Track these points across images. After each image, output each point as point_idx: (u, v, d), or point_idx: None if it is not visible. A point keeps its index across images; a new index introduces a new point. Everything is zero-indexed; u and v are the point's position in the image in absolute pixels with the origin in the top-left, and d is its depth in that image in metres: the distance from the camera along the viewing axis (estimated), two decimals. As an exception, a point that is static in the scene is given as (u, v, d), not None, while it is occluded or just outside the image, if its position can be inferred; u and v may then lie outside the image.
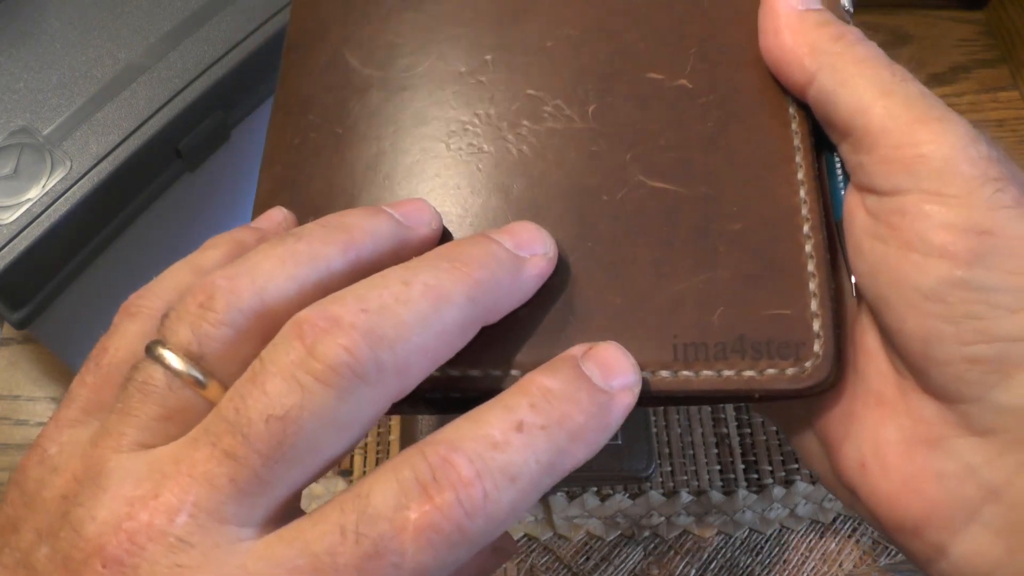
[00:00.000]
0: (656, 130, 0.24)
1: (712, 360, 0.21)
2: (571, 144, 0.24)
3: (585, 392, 0.19)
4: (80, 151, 0.35)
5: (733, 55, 0.25)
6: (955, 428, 0.20)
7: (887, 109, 0.21)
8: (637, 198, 0.23)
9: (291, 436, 0.17)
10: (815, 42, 0.22)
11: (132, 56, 0.37)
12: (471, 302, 0.19)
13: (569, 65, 0.25)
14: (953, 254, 0.19)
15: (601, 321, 0.22)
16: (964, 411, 0.20)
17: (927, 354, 0.20)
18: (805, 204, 0.23)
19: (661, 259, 0.22)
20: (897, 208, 0.20)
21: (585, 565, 0.43)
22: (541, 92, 0.25)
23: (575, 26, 0.25)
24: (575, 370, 0.20)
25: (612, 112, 0.24)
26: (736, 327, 0.22)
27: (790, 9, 0.23)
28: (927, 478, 0.20)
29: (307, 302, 0.18)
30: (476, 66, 0.25)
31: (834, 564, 0.43)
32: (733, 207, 0.23)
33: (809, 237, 0.22)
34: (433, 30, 0.26)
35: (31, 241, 0.33)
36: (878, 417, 0.22)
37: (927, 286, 0.20)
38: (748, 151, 0.23)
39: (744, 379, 0.21)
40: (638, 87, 0.24)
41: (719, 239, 0.22)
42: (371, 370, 0.17)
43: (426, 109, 0.25)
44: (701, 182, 0.23)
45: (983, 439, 0.20)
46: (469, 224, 0.23)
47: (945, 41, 0.62)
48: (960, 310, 0.19)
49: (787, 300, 0.22)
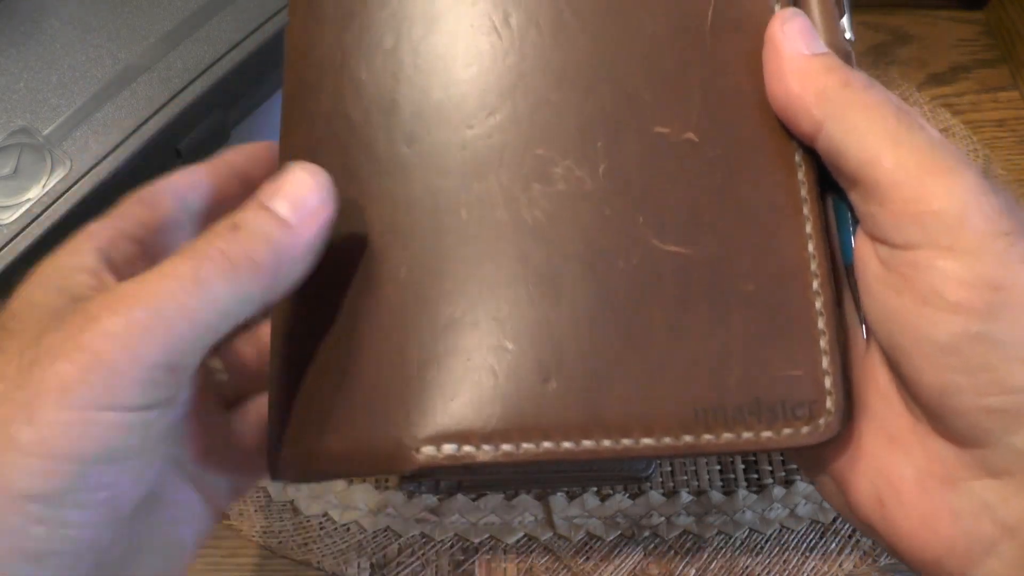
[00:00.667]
0: (665, 189, 0.24)
1: (731, 423, 0.22)
2: (584, 208, 0.24)
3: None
4: (80, 151, 0.35)
5: (738, 100, 0.24)
6: (971, 469, 0.20)
7: (897, 161, 0.21)
8: (651, 262, 0.23)
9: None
10: (822, 89, 0.22)
11: (132, 56, 0.37)
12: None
13: (575, 119, 0.24)
14: (968, 309, 0.19)
15: (622, 390, 0.23)
16: (980, 455, 0.20)
17: (943, 403, 0.20)
18: (814, 259, 0.23)
19: (677, 324, 0.23)
20: (910, 261, 0.20)
21: (585, 565, 0.43)
22: (550, 152, 0.24)
23: (579, 76, 0.25)
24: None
25: (621, 171, 0.24)
26: (752, 390, 0.22)
27: (796, 54, 0.23)
28: (944, 516, 0.20)
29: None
30: (483, 125, 0.25)
31: (834, 564, 0.43)
32: (743, 267, 0.23)
33: (818, 294, 0.23)
34: (435, 81, 0.25)
35: (31, 241, 0.33)
36: (892, 456, 0.22)
37: (942, 340, 0.20)
38: (756, 206, 0.23)
39: (762, 439, 0.22)
40: (645, 142, 0.24)
41: (731, 301, 0.23)
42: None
43: (436, 176, 0.24)
44: (711, 242, 0.23)
45: (999, 480, 0.20)
46: (489, 294, 0.23)
47: (945, 41, 0.62)
48: (975, 363, 0.19)
49: (799, 360, 0.22)
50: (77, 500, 0.19)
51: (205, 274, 0.20)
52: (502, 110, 0.25)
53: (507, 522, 0.43)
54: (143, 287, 0.20)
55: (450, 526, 0.43)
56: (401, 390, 0.23)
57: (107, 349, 0.19)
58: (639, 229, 0.23)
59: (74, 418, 0.19)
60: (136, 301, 0.20)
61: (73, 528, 0.19)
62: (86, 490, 0.19)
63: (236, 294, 0.21)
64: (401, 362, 0.23)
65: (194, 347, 0.21)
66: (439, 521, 0.43)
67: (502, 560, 0.43)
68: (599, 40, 0.25)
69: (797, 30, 0.23)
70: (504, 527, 0.43)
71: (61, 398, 0.19)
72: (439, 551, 0.43)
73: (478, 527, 0.43)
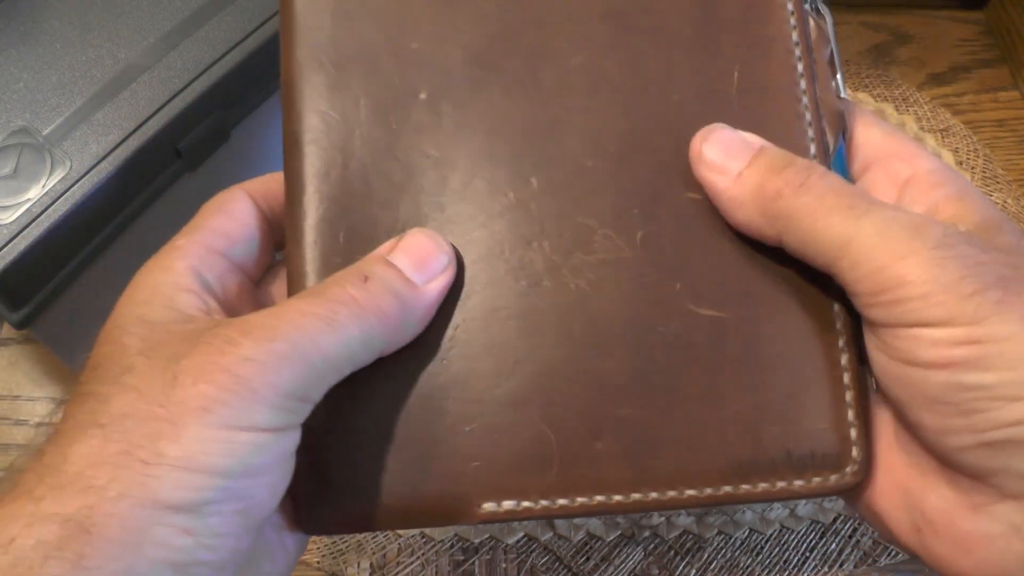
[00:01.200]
0: (699, 254, 0.25)
1: (766, 474, 0.24)
2: (624, 276, 0.25)
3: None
4: (80, 151, 0.35)
5: None
6: (991, 496, 0.21)
7: (852, 260, 0.22)
8: (688, 327, 0.25)
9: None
10: (763, 208, 0.23)
11: (132, 56, 0.37)
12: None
13: (612, 187, 0.25)
14: (950, 365, 0.20)
15: (666, 447, 0.24)
16: (994, 482, 0.21)
17: (946, 444, 0.21)
18: (839, 319, 0.25)
19: (713, 384, 0.24)
20: (891, 333, 0.22)
21: (585, 565, 0.43)
22: (590, 220, 0.25)
23: (612, 141, 0.26)
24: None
25: (658, 239, 0.25)
26: (784, 443, 0.24)
27: (725, 185, 0.24)
28: (977, 539, 0.21)
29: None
30: (522, 191, 0.25)
31: (834, 564, 0.43)
32: (774, 328, 0.25)
33: (844, 351, 0.25)
34: (464, 140, 0.26)
35: (31, 241, 0.33)
36: (922, 487, 0.23)
37: (932, 392, 0.21)
38: (784, 269, 0.25)
39: (794, 488, 0.24)
40: (679, 208, 0.25)
41: (764, 361, 0.24)
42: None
43: (480, 242, 0.25)
44: (742, 304, 0.25)
45: (1018, 501, 0.21)
46: (539, 359, 0.25)
47: (945, 41, 0.62)
48: (967, 407, 0.20)
49: (826, 415, 0.24)
50: (220, 510, 0.20)
51: (340, 317, 0.22)
52: (539, 176, 0.25)
53: (507, 522, 0.43)
54: (282, 320, 0.22)
55: (450, 526, 0.43)
56: (458, 448, 0.24)
57: (247, 374, 0.20)
58: (677, 294, 0.25)
59: (216, 435, 0.20)
60: (276, 332, 0.21)
61: (217, 538, 0.20)
62: (227, 501, 0.20)
63: (363, 340, 0.22)
64: (456, 421, 0.24)
65: (321, 382, 0.22)
66: (439, 521, 0.43)
67: (502, 560, 0.43)
68: (630, 106, 0.26)
69: (716, 152, 0.24)
70: (504, 527, 0.43)
71: (204, 416, 0.20)
72: (439, 551, 0.43)
73: (478, 527, 0.43)
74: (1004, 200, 0.55)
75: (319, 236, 0.25)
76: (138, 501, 0.19)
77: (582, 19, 0.26)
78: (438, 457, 0.24)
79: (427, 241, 0.24)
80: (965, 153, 0.56)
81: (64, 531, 0.19)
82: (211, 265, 0.25)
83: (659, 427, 0.24)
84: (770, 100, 0.25)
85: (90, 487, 0.19)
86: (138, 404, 0.20)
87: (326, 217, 0.25)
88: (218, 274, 0.25)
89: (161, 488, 0.19)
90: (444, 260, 0.24)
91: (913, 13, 0.63)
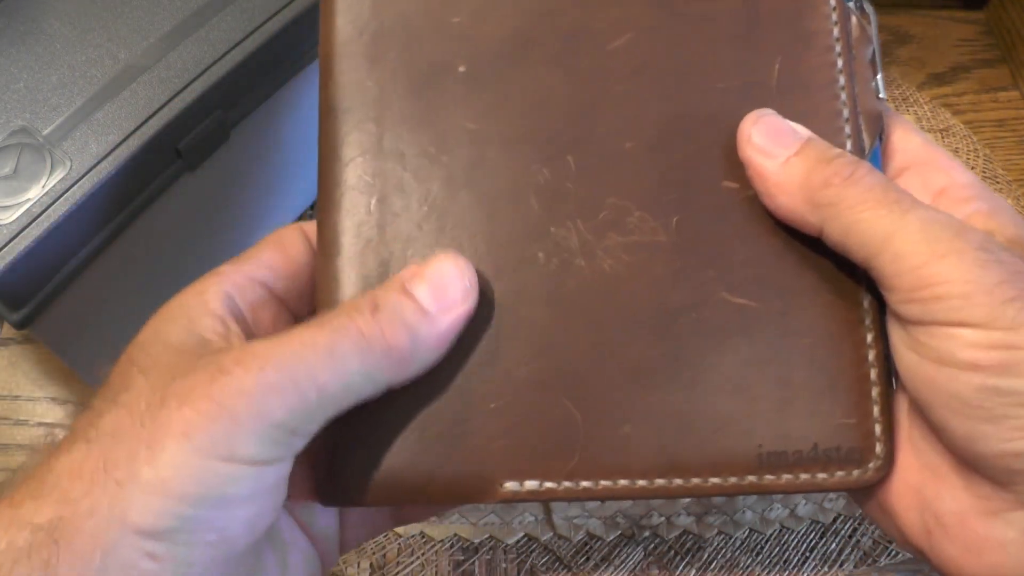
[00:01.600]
0: (733, 243, 0.25)
1: (791, 466, 0.24)
2: (657, 259, 0.25)
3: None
4: (80, 151, 0.35)
5: None
6: (1010, 502, 0.21)
7: (895, 254, 0.21)
8: (720, 314, 0.25)
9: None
10: (809, 196, 0.23)
11: (132, 56, 0.37)
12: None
13: (649, 170, 0.25)
14: (984, 368, 0.20)
15: (692, 434, 0.24)
16: (1017, 489, 0.21)
17: (973, 449, 0.21)
18: (868, 314, 0.25)
19: (742, 375, 0.24)
20: (925, 331, 0.22)
21: (585, 565, 0.43)
22: (625, 201, 0.25)
23: (651, 125, 0.26)
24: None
25: (692, 225, 0.25)
26: (810, 437, 0.24)
27: (772, 169, 0.24)
28: (990, 545, 0.21)
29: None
30: (559, 169, 0.25)
31: (834, 564, 0.43)
32: (804, 321, 0.25)
33: (871, 347, 0.25)
34: (502, 115, 0.26)
35: (31, 241, 0.33)
36: (936, 489, 0.23)
37: (963, 395, 0.21)
38: (816, 263, 0.25)
39: (817, 481, 0.24)
40: (715, 197, 0.25)
41: (793, 354, 0.24)
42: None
43: (514, 219, 0.25)
44: (775, 296, 0.25)
45: None
46: (565, 340, 0.25)
47: (945, 41, 0.62)
48: (998, 412, 0.20)
49: (853, 410, 0.24)
50: (188, 539, 0.20)
51: (340, 349, 0.21)
52: (576, 155, 0.25)
53: (507, 522, 0.43)
54: (278, 348, 0.21)
55: (450, 526, 0.43)
56: (483, 426, 0.24)
57: (233, 403, 0.20)
58: (710, 281, 0.25)
59: (192, 463, 0.20)
60: (268, 361, 0.21)
61: (184, 567, 0.20)
62: (197, 531, 0.20)
63: (366, 373, 0.22)
64: (481, 399, 0.24)
65: (316, 415, 0.21)
66: (439, 521, 0.43)
67: (502, 560, 0.43)
68: (671, 92, 0.26)
69: (765, 137, 0.24)
70: (504, 527, 0.43)
71: (183, 442, 0.20)
72: (439, 551, 0.43)
73: (478, 527, 0.43)
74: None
75: (351, 205, 0.25)
76: (106, 519, 0.19)
77: (625, 2, 0.26)
78: (462, 434, 0.24)
79: (451, 268, 0.24)
80: (965, 153, 0.56)
81: (34, 538, 0.19)
82: (247, 293, 0.25)
83: (687, 414, 0.24)
84: (808, 95, 0.25)
85: (65, 499, 0.19)
86: (124, 422, 0.20)
87: (358, 185, 0.25)
88: (252, 303, 0.25)
89: (130, 509, 0.19)
90: (465, 288, 0.24)
91: (913, 13, 0.63)
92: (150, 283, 0.42)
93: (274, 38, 0.39)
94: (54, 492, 0.20)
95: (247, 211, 0.47)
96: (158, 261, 0.42)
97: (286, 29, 0.39)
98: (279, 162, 0.46)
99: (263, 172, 0.46)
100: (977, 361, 0.20)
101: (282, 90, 0.42)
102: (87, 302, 0.39)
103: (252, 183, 0.45)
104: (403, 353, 0.22)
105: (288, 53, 0.41)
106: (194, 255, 0.45)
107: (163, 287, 0.44)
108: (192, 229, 0.43)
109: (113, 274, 0.39)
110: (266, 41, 0.38)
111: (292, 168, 0.47)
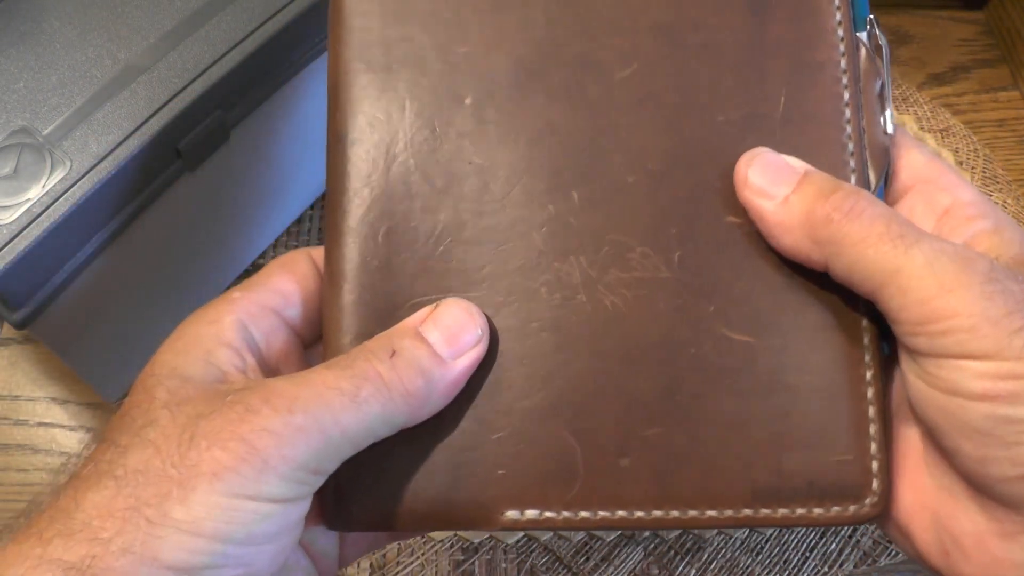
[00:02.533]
0: (734, 279, 0.25)
1: (786, 501, 0.24)
2: (659, 295, 0.25)
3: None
4: (80, 151, 0.35)
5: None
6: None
7: (900, 289, 0.22)
8: (720, 350, 0.25)
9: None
10: (811, 233, 0.23)
11: (132, 56, 0.37)
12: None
13: (651, 205, 0.25)
14: (994, 398, 0.20)
15: (690, 468, 0.24)
16: None
17: (984, 472, 0.21)
18: (868, 351, 0.25)
19: (741, 410, 0.25)
20: (934, 363, 0.22)
21: (585, 565, 0.43)
22: (627, 237, 0.25)
23: (654, 158, 0.26)
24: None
25: (694, 260, 0.25)
26: (806, 473, 0.24)
27: (771, 209, 0.24)
28: (1007, 566, 0.22)
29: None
30: (563, 204, 0.25)
31: (834, 564, 0.43)
32: (803, 358, 0.25)
33: (870, 385, 0.25)
34: (507, 149, 0.26)
35: (31, 241, 0.33)
36: (953, 511, 0.23)
37: (973, 423, 0.21)
38: (817, 299, 0.25)
39: (813, 516, 0.24)
40: (718, 233, 0.25)
41: (791, 391, 0.25)
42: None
43: (518, 253, 0.25)
44: (774, 332, 0.25)
45: None
46: (567, 373, 0.25)
47: (945, 41, 0.62)
48: (1009, 439, 0.20)
49: (850, 447, 0.24)
50: (218, 575, 0.20)
51: (364, 395, 0.22)
52: (581, 190, 0.25)
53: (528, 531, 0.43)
54: (303, 391, 0.22)
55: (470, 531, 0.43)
56: (486, 456, 0.25)
57: (262, 444, 0.21)
58: (710, 317, 0.25)
59: (223, 503, 0.20)
60: (295, 403, 0.21)
61: None
62: (227, 567, 0.21)
63: (385, 418, 0.23)
64: (485, 430, 0.25)
65: (336, 455, 0.22)
66: (439, 521, 0.43)
67: (502, 560, 0.43)
68: (674, 124, 0.26)
69: (762, 177, 0.24)
70: (504, 527, 0.43)
71: (213, 482, 0.20)
72: (439, 551, 0.43)
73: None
74: (1004, 200, 0.55)
75: (358, 236, 0.25)
76: (139, 558, 0.20)
77: (631, 32, 0.26)
78: (466, 463, 0.25)
79: (462, 314, 0.24)
80: (965, 153, 0.56)
81: None
82: (260, 322, 0.25)
83: (685, 448, 0.24)
84: (814, 128, 0.25)
85: (96, 538, 0.20)
86: (153, 461, 0.21)
87: (366, 218, 0.25)
88: (265, 332, 0.25)
89: (163, 548, 0.20)
90: (477, 334, 0.24)
91: (913, 13, 0.63)
92: (150, 283, 0.42)
93: (274, 38, 0.39)
94: (85, 530, 0.20)
95: (247, 211, 0.47)
96: (158, 261, 0.42)
97: (286, 29, 0.39)
98: (279, 162, 0.46)
99: (263, 172, 0.46)
100: (987, 392, 0.20)
101: (282, 90, 0.42)
102: (87, 302, 0.39)
103: (252, 183, 0.45)
104: (419, 399, 0.23)
105: (288, 53, 0.41)
106: (194, 255, 0.45)
107: (163, 287, 0.45)
108: (192, 229, 0.43)
109: (113, 274, 0.39)
110: (266, 41, 0.38)
111: (291, 168, 0.47)
